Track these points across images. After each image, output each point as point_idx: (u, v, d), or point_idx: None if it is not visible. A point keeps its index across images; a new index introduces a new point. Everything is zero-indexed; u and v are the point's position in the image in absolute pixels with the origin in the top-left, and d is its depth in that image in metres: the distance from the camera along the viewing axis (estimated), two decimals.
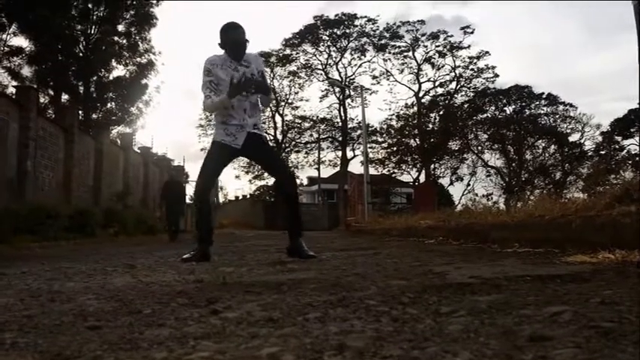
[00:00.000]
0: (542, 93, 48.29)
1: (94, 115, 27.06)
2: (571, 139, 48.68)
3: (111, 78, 27.63)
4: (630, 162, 43.61)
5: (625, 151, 47.96)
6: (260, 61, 5.24)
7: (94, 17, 26.55)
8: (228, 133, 4.98)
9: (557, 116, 48.73)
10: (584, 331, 1.42)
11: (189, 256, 4.91)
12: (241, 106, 4.98)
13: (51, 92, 26.60)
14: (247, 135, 5.00)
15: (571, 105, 48.27)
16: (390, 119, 47.07)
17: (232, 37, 5.00)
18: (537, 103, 48.68)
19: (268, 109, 47.10)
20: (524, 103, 48.76)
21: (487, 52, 45.01)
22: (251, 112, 5.05)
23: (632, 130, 46.69)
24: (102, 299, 2.41)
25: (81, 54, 26.20)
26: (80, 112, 24.00)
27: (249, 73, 4.94)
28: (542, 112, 48.95)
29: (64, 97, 26.62)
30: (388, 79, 46.56)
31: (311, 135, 48.96)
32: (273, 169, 5.59)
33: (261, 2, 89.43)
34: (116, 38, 27.52)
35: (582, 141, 48.64)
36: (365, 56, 46.45)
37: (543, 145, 49.29)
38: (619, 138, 48.47)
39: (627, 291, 2.09)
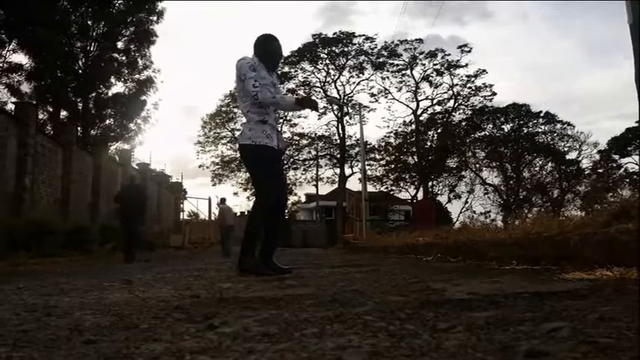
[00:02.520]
0: (540, 111, 48.65)
1: (93, 132, 27.10)
2: (569, 157, 48.87)
3: (110, 94, 27.78)
4: (628, 180, 43.79)
5: (622, 169, 48.17)
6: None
7: (94, 34, 26.71)
8: (267, 135, 4.87)
9: (554, 134, 49.00)
10: (582, 346, 1.41)
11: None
12: (272, 109, 5.06)
13: (50, 108, 26.65)
14: (277, 136, 5.01)
15: (569, 123, 48.61)
16: (388, 137, 47.32)
17: (276, 47, 5.19)
18: (535, 121, 48.99)
19: None
20: (522, 122, 49.02)
21: (484, 71, 45.37)
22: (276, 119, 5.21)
23: (629, 148, 46.87)
24: (98, 314, 2.40)
25: (80, 70, 26.32)
26: (79, 128, 24.06)
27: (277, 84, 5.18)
28: (539, 130, 49.22)
29: (63, 113, 26.69)
30: (386, 97, 46.86)
31: (309, 152, 49.09)
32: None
33: (259, 21, 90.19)
34: (115, 55, 27.67)
35: (580, 159, 48.84)
36: (363, 74, 46.81)
37: (541, 163, 49.44)
38: (616, 156, 48.69)
39: (625, 308, 2.08)
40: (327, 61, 46.66)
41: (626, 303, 2.23)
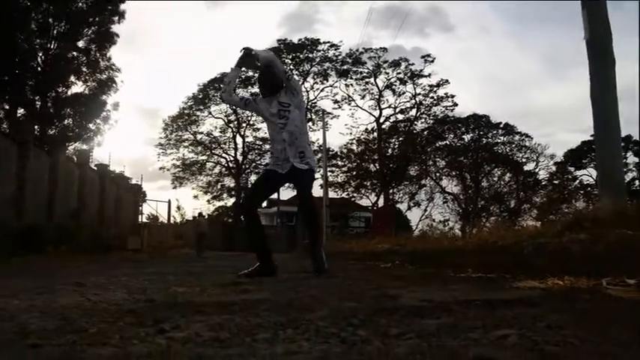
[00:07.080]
0: (500, 123, 49.47)
1: (51, 131, 26.53)
2: (526, 168, 49.84)
3: (69, 94, 27.21)
4: (582, 192, 44.88)
5: (577, 181, 49.35)
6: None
7: (54, 32, 26.18)
8: (275, 161, 5.50)
9: (513, 145, 49.88)
10: (528, 353, 1.43)
11: (248, 271, 5.26)
12: (280, 137, 5.40)
13: (6, 106, 25.99)
14: (292, 166, 5.36)
15: (527, 135, 49.56)
16: (351, 144, 47.53)
17: (260, 77, 5.64)
18: (494, 132, 49.78)
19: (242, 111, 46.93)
20: (481, 132, 49.78)
21: (447, 81, 45.87)
22: (290, 140, 5.39)
23: (584, 161, 48.05)
24: (46, 317, 2.34)
25: (39, 68, 25.76)
26: (36, 127, 23.51)
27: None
28: (498, 141, 50.03)
29: (20, 111, 26.06)
30: (350, 104, 47.06)
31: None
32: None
33: (224, 25, 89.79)
34: (76, 54, 27.21)
35: (537, 170, 49.85)
36: (327, 81, 46.99)
37: (499, 173, 50.28)
38: (572, 168, 49.88)
39: (573, 316, 2.13)
40: (292, 67, 46.68)
41: (574, 312, 2.27)
